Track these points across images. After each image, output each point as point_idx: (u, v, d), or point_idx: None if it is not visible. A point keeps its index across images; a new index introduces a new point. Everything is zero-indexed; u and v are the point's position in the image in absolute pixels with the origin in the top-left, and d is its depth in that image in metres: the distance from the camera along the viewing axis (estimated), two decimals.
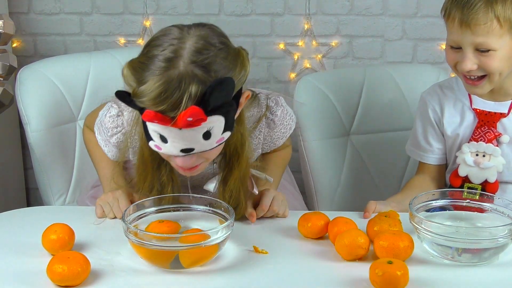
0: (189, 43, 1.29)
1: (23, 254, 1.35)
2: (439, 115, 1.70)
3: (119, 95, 1.29)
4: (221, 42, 1.32)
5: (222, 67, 1.28)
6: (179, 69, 1.25)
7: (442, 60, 2.51)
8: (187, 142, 1.29)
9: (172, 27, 1.34)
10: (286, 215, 1.54)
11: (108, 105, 1.53)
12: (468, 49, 1.53)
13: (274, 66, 2.57)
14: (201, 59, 1.27)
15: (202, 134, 1.28)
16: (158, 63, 1.27)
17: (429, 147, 1.73)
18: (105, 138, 1.55)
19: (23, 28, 2.58)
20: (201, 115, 1.24)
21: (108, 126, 1.52)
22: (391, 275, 1.19)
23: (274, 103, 1.56)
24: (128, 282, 1.26)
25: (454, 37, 1.55)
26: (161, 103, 1.24)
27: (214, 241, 1.27)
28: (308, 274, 1.29)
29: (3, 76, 2.13)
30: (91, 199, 1.78)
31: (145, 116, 1.26)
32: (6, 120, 2.50)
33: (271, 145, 1.61)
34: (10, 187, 2.62)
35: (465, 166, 1.65)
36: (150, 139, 1.32)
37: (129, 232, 1.28)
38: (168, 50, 1.28)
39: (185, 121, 1.24)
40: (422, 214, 1.38)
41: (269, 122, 1.56)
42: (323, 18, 2.51)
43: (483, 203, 1.44)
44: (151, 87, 1.24)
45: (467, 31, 1.51)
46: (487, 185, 1.64)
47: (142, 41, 2.54)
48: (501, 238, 1.30)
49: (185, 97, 1.23)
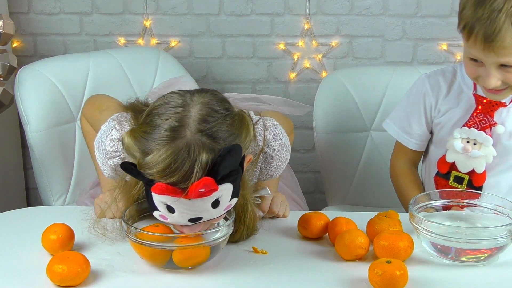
0: (193, 111, 1.25)
1: (23, 254, 1.35)
2: (431, 103, 1.67)
3: (125, 168, 1.25)
4: (225, 109, 1.28)
5: (229, 134, 1.25)
6: (186, 138, 1.21)
7: (443, 60, 2.51)
8: (196, 212, 1.25)
9: (173, 94, 1.30)
10: (286, 216, 1.54)
11: (111, 125, 1.47)
12: (491, 66, 1.47)
13: (274, 66, 2.57)
14: (208, 127, 1.23)
15: (211, 203, 1.25)
16: (163, 132, 1.22)
17: (409, 130, 1.72)
18: (103, 158, 1.50)
19: (23, 28, 2.58)
20: (213, 185, 1.21)
21: (108, 148, 1.47)
22: (390, 275, 1.19)
23: (271, 135, 1.50)
24: (128, 282, 1.26)
25: (476, 54, 1.47)
26: (171, 175, 1.20)
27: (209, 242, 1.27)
28: (308, 274, 1.29)
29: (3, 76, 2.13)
30: (90, 199, 1.78)
31: (155, 189, 1.21)
32: (6, 120, 2.50)
33: (268, 176, 1.57)
34: (10, 187, 2.62)
35: (453, 152, 1.61)
36: (155, 209, 1.27)
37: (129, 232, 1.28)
38: (172, 118, 1.23)
39: (197, 192, 1.20)
40: (422, 214, 1.38)
41: (266, 157, 1.52)
42: (323, 18, 2.51)
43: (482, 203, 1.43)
44: (159, 158, 1.20)
45: (491, 53, 1.43)
46: (474, 175, 1.61)
47: (142, 41, 2.54)
48: (501, 238, 1.30)
49: (196, 166, 1.19)
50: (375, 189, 2.07)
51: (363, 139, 2.07)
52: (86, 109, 1.75)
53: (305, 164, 2.67)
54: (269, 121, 1.52)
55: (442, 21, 2.49)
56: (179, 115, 1.24)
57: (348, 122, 2.05)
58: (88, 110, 1.73)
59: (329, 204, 2.10)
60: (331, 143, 2.03)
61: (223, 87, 2.58)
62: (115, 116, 1.48)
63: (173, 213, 1.25)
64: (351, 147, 2.06)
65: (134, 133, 1.25)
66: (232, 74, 2.59)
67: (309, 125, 2.56)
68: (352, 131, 2.05)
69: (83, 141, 2.04)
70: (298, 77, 2.57)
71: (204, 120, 1.24)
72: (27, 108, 1.94)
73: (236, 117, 1.29)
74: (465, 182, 1.62)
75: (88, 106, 1.75)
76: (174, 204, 1.23)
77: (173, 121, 1.23)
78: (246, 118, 1.31)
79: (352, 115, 2.05)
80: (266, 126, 1.51)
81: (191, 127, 1.22)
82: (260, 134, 1.49)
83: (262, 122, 1.51)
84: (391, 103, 2.04)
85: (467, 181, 1.61)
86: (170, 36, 2.55)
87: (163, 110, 1.26)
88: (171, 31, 2.55)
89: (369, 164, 2.07)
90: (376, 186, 2.07)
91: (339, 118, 2.03)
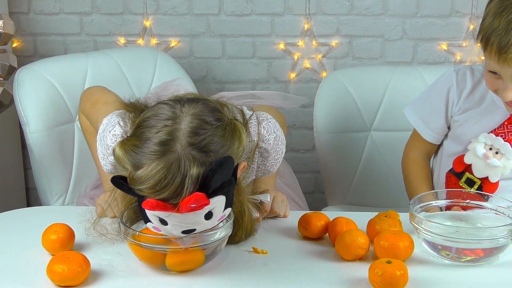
0: (184, 123, 1.22)
1: (23, 254, 1.35)
2: (454, 98, 1.66)
3: (115, 182, 1.23)
4: (216, 119, 1.25)
5: (220, 146, 1.23)
6: (176, 152, 1.19)
7: (443, 60, 2.51)
8: (189, 224, 1.24)
9: (163, 105, 1.27)
10: (287, 215, 1.54)
11: (114, 120, 1.45)
12: (509, 79, 1.47)
13: (274, 66, 2.57)
14: (199, 140, 1.21)
15: (204, 216, 1.24)
16: (153, 146, 1.20)
17: (429, 120, 1.71)
18: (104, 153, 1.49)
19: (23, 28, 2.58)
20: (205, 200, 1.20)
21: (109, 144, 1.45)
22: (390, 275, 1.19)
23: (265, 130, 1.49)
24: (128, 282, 1.26)
25: (493, 67, 1.47)
26: (162, 191, 1.18)
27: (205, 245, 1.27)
28: (308, 274, 1.29)
29: (3, 76, 2.13)
30: (89, 200, 1.78)
31: (146, 205, 1.20)
32: (6, 120, 2.50)
33: (266, 172, 1.56)
34: (10, 187, 2.62)
35: (472, 155, 1.60)
36: (148, 221, 1.26)
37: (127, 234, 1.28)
38: (162, 132, 1.21)
39: (188, 207, 1.19)
40: (422, 214, 1.38)
41: (262, 152, 1.51)
42: (323, 18, 2.51)
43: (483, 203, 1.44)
44: (149, 174, 1.18)
45: (505, 65, 1.44)
46: (486, 183, 1.61)
47: (142, 41, 2.54)
48: (501, 238, 1.30)
49: (187, 181, 1.18)
50: (375, 189, 2.07)
51: (363, 139, 2.07)
52: (83, 105, 1.73)
53: (305, 164, 2.67)
54: (262, 116, 1.51)
55: (442, 21, 2.49)
56: (169, 128, 1.22)
57: (348, 122, 2.05)
58: (85, 106, 1.71)
59: (329, 204, 2.10)
60: (331, 143, 2.04)
61: (223, 87, 2.58)
62: (118, 112, 1.45)
63: (166, 225, 1.24)
64: (351, 147, 2.06)
65: (125, 146, 1.23)
66: (232, 74, 2.59)
67: (309, 125, 2.56)
68: (352, 131, 2.06)
69: (82, 142, 2.05)
70: (298, 77, 2.57)
71: (195, 133, 1.21)
72: (26, 108, 1.94)
73: (227, 128, 1.26)
74: (475, 186, 1.60)
75: (84, 102, 1.73)
76: (166, 218, 1.22)
77: (163, 134, 1.21)
78: (238, 127, 1.28)
79: (352, 115, 2.05)
80: (260, 121, 1.49)
81: (182, 141, 1.20)
82: (254, 129, 1.48)
83: (256, 117, 1.49)
84: (391, 103, 2.04)
85: (478, 186, 1.60)
86: (170, 36, 2.55)
87: (153, 122, 1.24)
88: (171, 31, 2.55)
89: (369, 164, 2.08)
90: (376, 186, 2.07)
91: (339, 118, 2.04)
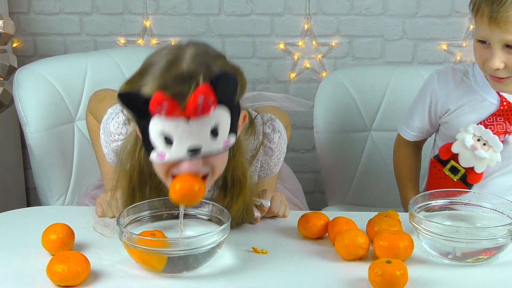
0: (188, 51, 1.28)
1: (23, 254, 1.35)
2: (437, 99, 1.69)
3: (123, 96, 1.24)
4: (219, 54, 1.34)
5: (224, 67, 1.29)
6: (182, 67, 1.25)
7: (442, 60, 2.51)
8: (195, 138, 1.24)
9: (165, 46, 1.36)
10: (286, 215, 1.54)
11: (118, 108, 1.49)
12: (496, 45, 1.50)
13: (274, 66, 2.57)
14: (204, 60, 1.27)
15: (209, 131, 1.25)
16: (159, 65, 1.26)
17: (410, 122, 1.76)
18: (107, 140, 1.52)
19: (23, 28, 2.58)
20: (211, 94, 1.21)
21: (112, 131, 1.49)
22: (390, 274, 1.19)
23: (270, 129, 1.52)
24: (128, 282, 1.26)
25: (483, 33, 1.52)
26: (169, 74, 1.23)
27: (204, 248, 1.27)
28: (308, 274, 1.29)
29: (3, 76, 2.13)
30: (90, 199, 1.78)
31: (154, 101, 1.20)
32: (6, 120, 2.50)
33: (268, 172, 1.58)
34: (10, 187, 2.62)
35: (460, 145, 1.62)
36: (152, 149, 1.27)
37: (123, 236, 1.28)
38: (168, 56, 1.27)
39: (195, 104, 1.20)
40: (422, 214, 1.38)
41: (266, 150, 1.53)
42: (323, 18, 2.51)
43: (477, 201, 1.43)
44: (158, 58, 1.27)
45: (496, 29, 1.48)
46: (470, 173, 1.62)
47: (142, 41, 2.54)
48: (501, 238, 1.30)
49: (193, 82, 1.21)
50: (375, 189, 2.07)
51: (363, 139, 2.07)
52: (91, 105, 1.76)
53: (305, 164, 2.67)
54: (266, 116, 1.54)
55: (442, 21, 2.49)
56: (174, 54, 1.28)
57: (348, 122, 2.05)
58: (92, 105, 1.74)
59: (329, 204, 2.10)
60: (331, 143, 2.04)
61: None
62: None
63: (171, 145, 1.25)
64: (351, 147, 2.06)
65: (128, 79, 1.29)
66: None
67: (309, 125, 2.56)
68: (352, 131, 2.06)
69: (82, 142, 2.05)
70: (298, 77, 2.57)
71: (199, 56, 1.28)
72: (26, 108, 1.94)
73: (229, 64, 1.33)
74: (459, 175, 1.62)
75: (92, 101, 1.76)
76: (172, 129, 1.23)
77: (169, 57, 1.27)
78: (239, 69, 1.34)
79: (352, 115, 2.05)
80: (265, 121, 1.52)
81: (187, 60, 1.26)
82: (259, 128, 1.50)
83: (260, 117, 1.52)
84: (391, 103, 2.05)
85: (461, 174, 1.62)
86: (170, 36, 2.55)
87: (158, 54, 1.31)
88: (171, 31, 2.55)
89: (369, 164, 2.08)
90: (376, 186, 2.07)
91: (339, 118, 2.04)
